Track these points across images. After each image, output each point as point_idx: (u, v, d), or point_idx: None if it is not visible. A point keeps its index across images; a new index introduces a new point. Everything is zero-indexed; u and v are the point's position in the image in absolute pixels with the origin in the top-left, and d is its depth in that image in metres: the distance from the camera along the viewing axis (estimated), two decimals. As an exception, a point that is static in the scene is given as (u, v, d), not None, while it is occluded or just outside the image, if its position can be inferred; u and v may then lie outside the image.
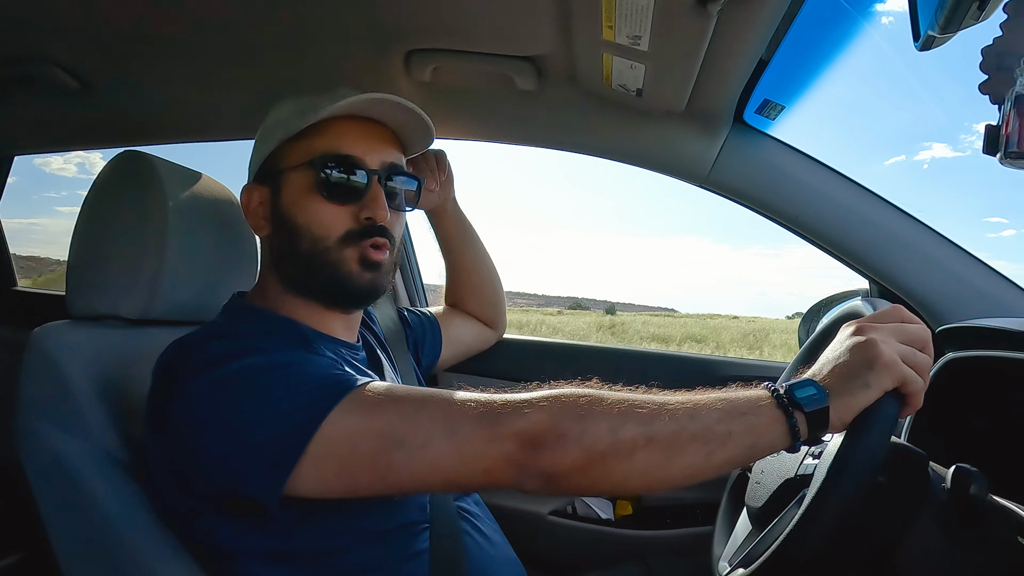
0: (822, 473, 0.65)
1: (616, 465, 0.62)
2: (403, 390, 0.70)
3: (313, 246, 0.83)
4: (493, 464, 0.64)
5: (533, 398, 0.65)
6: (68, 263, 0.93)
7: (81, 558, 0.79)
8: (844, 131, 29.62)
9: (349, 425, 0.66)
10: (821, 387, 0.63)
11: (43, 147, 1.73)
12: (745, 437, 0.63)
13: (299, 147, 0.84)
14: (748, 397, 0.65)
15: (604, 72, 1.00)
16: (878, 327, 0.66)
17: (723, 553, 0.91)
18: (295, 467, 0.65)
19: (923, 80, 27.53)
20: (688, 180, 1.21)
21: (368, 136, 0.86)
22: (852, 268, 1.16)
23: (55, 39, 1.16)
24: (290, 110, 0.87)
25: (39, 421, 0.80)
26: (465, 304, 1.34)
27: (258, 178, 0.88)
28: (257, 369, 0.69)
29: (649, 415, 0.63)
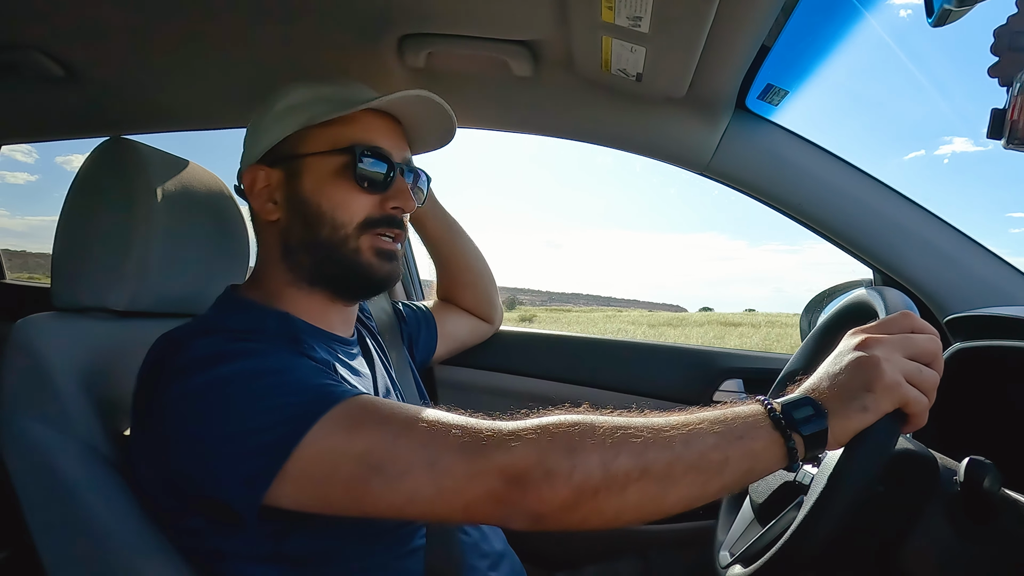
0: (818, 486, 0.64)
1: (608, 500, 0.59)
2: (388, 409, 0.66)
3: (334, 233, 0.82)
4: (474, 501, 0.61)
5: (520, 429, 0.62)
6: (53, 253, 0.91)
7: (65, 555, 0.76)
8: (861, 126, 28.73)
9: (327, 445, 0.63)
10: (819, 406, 0.61)
11: (29, 136, 1.70)
12: (742, 462, 0.60)
13: (325, 134, 0.83)
14: (744, 419, 0.62)
15: (603, 56, 0.97)
16: (883, 341, 0.62)
17: (725, 540, 0.90)
18: (271, 483, 0.63)
19: (941, 72, 26.61)
20: (688, 168, 1.19)
21: (392, 131, 0.88)
22: (856, 257, 1.15)
23: (39, 25, 1.13)
24: (307, 96, 0.86)
25: (20, 415, 0.77)
26: (458, 300, 1.32)
27: (267, 160, 0.85)
28: (242, 376, 0.67)
29: (642, 445, 0.60)
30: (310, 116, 0.84)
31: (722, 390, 1.32)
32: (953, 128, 31.66)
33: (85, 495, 0.75)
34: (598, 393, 1.38)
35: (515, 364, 1.44)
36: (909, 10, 17.90)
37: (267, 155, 0.86)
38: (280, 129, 0.85)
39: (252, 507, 0.64)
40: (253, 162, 0.86)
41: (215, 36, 1.12)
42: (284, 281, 0.85)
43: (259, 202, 0.86)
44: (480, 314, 1.34)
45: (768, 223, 38.48)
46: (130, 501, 0.75)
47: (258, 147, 0.86)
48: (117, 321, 0.90)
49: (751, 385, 1.32)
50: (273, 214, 0.85)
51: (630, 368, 1.39)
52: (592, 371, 1.40)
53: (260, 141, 0.86)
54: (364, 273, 0.84)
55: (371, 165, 0.83)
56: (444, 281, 1.31)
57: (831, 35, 1.01)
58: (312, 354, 0.77)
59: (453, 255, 1.28)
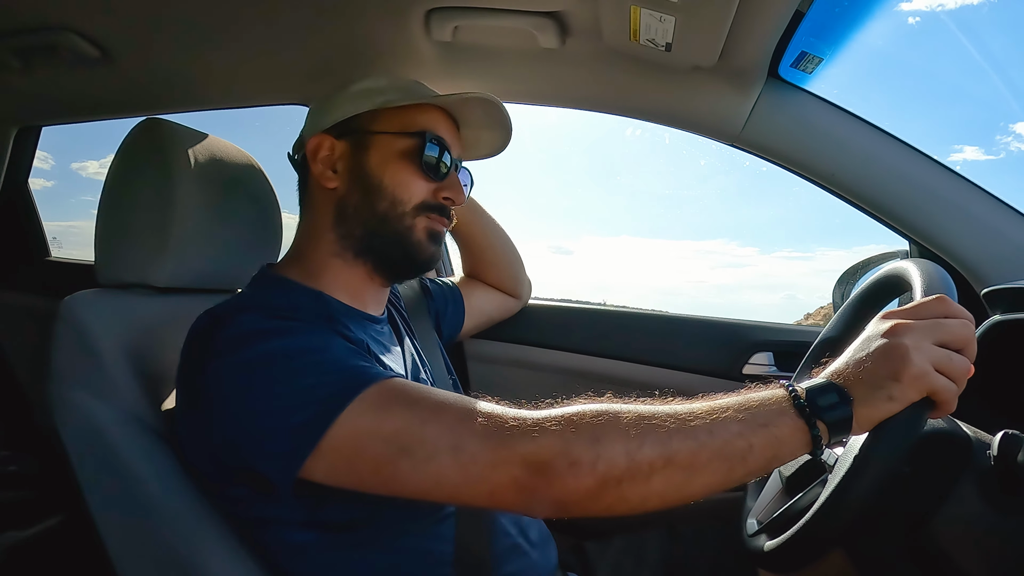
0: (842, 469, 0.63)
1: (632, 489, 0.60)
2: (417, 393, 0.67)
3: (392, 208, 0.86)
4: (498, 488, 0.62)
5: (545, 418, 0.62)
6: (95, 233, 0.94)
7: (117, 521, 0.80)
8: (897, 100, 26.85)
9: (359, 425, 0.65)
10: (844, 393, 0.60)
11: (67, 117, 1.74)
12: (766, 450, 0.61)
13: (397, 117, 0.88)
14: (768, 406, 0.62)
15: (631, 26, 0.96)
16: (913, 328, 0.61)
17: (753, 508, 0.90)
18: (306, 460, 0.65)
19: (955, 77, 24.13)
20: (719, 139, 1.17)
21: (453, 130, 0.93)
22: (891, 228, 1.12)
23: (75, 7, 1.15)
24: (384, 83, 0.91)
25: (71, 388, 0.81)
26: (483, 278, 1.33)
27: (334, 131, 0.89)
28: (281, 354, 0.69)
29: (667, 434, 0.60)
30: (386, 99, 0.88)
31: (752, 363, 1.31)
32: (964, 136, 28.55)
33: (133, 464, 0.78)
34: (627, 366, 1.38)
35: (545, 337, 1.44)
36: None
37: (334, 127, 0.89)
38: (353, 106, 0.89)
39: (287, 481, 0.66)
40: (320, 131, 0.89)
41: (243, 15, 1.13)
42: (329, 252, 0.88)
43: (320, 168, 0.88)
44: (506, 289, 1.34)
45: (780, 230, 36.13)
46: (176, 470, 0.79)
47: (327, 118, 0.90)
48: (158, 297, 0.93)
49: (781, 358, 1.30)
50: (332, 182, 0.88)
51: (660, 341, 1.39)
52: (622, 344, 1.40)
53: (329, 113, 0.90)
54: (412, 250, 0.88)
55: (435, 153, 0.88)
56: (468, 260, 1.32)
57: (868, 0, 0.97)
58: (347, 333, 0.78)
59: (474, 235, 1.29)
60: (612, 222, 11.54)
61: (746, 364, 1.31)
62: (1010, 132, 7.03)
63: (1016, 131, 4.50)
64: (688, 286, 13.01)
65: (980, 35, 1.27)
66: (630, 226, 4.21)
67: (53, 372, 0.83)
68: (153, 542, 0.78)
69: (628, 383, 1.38)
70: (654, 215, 9.54)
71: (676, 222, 13.56)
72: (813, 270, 13.03)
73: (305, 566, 0.76)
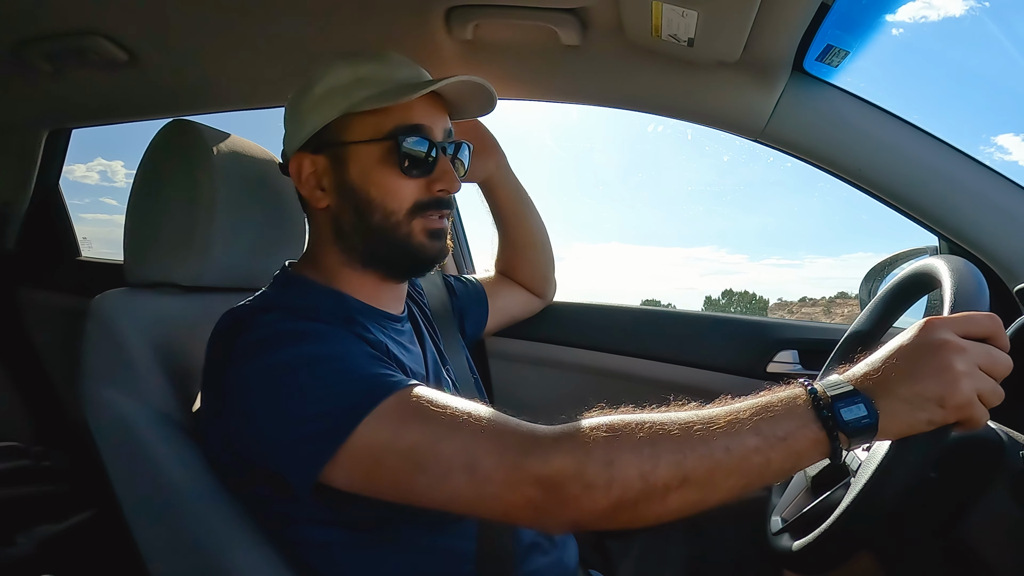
0: (864, 476, 0.62)
1: (648, 509, 0.59)
2: (435, 405, 0.67)
3: (385, 220, 0.83)
4: (512, 507, 0.62)
5: (559, 435, 0.62)
6: (124, 232, 0.96)
7: (147, 515, 0.82)
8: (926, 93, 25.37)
9: (376, 439, 0.65)
10: (872, 406, 0.58)
11: (96, 120, 1.77)
12: (784, 462, 0.59)
13: (367, 120, 0.83)
14: (788, 415, 0.60)
15: (653, 21, 0.95)
16: (967, 352, 0.58)
17: (778, 504, 0.90)
18: (323, 468, 0.66)
19: (987, 65, 22.59)
20: (742, 134, 1.16)
21: (432, 106, 0.87)
22: (920, 224, 1.10)
23: (104, 11, 1.17)
24: (346, 78, 0.84)
25: (102, 385, 0.83)
26: (516, 274, 1.32)
27: (311, 146, 0.86)
28: (301, 361, 0.69)
29: (682, 453, 0.59)
30: (350, 103, 0.83)
31: (776, 361, 1.29)
32: (997, 127, 26.30)
33: (161, 459, 0.80)
34: (650, 364, 1.37)
35: (567, 336, 1.44)
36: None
37: (310, 141, 0.85)
38: (320, 116, 0.84)
39: (306, 487, 0.67)
40: (297, 148, 0.86)
41: (266, 16, 1.15)
42: (338, 262, 0.87)
43: (308, 189, 0.86)
44: (534, 288, 1.34)
45: (769, 237, 35.28)
46: (203, 467, 0.80)
47: (301, 132, 0.86)
48: (184, 296, 0.94)
49: (806, 356, 1.28)
50: (323, 201, 0.86)
51: (683, 339, 1.37)
52: (644, 342, 1.39)
53: (302, 126, 0.86)
54: (416, 254, 0.86)
55: (414, 150, 0.83)
56: (506, 252, 1.30)
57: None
58: (366, 335, 0.79)
59: (519, 227, 1.27)
60: (601, 229, 11.33)
61: (770, 362, 1.29)
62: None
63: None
64: (677, 293, 12.94)
65: (1011, 22, 1.23)
66: (619, 233, 4.18)
67: (84, 369, 0.85)
68: (181, 537, 0.79)
69: (650, 381, 1.37)
70: (644, 222, 9.49)
71: (666, 229, 13.50)
72: (801, 277, 12.90)
73: (329, 563, 0.77)
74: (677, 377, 1.35)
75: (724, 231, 11.30)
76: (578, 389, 1.44)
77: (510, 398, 1.48)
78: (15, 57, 1.34)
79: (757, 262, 11.54)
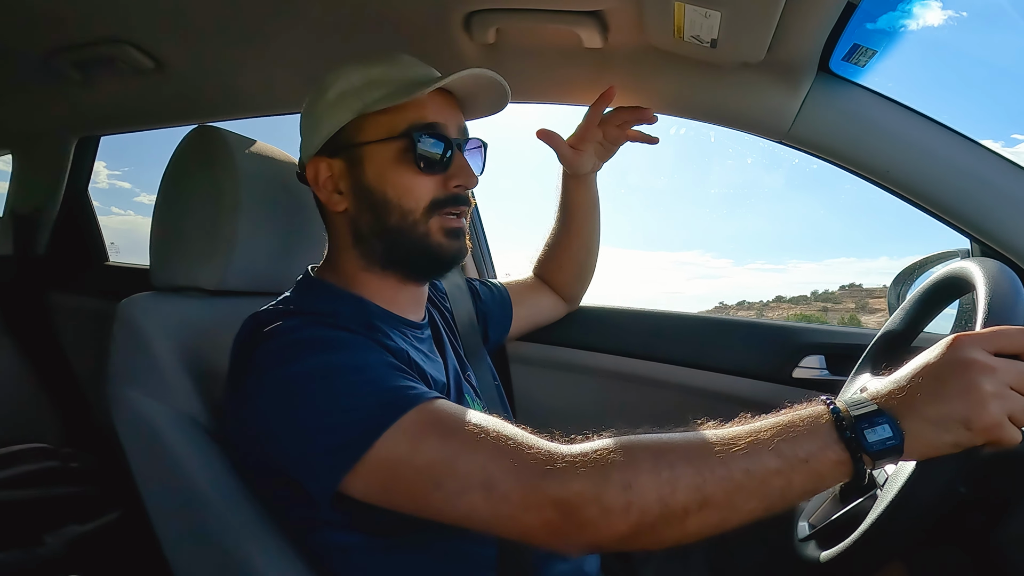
0: (890, 493, 0.61)
1: (667, 532, 0.59)
2: (454, 421, 0.67)
3: (402, 219, 0.83)
4: (529, 529, 0.62)
5: (577, 457, 0.61)
6: (150, 237, 0.97)
7: (171, 517, 0.83)
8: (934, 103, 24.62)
9: (394, 453, 0.65)
10: (897, 427, 0.56)
11: (123, 127, 1.81)
12: (805, 484, 0.58)
13: (381, 120, 0.83)
14: (810, 437, 0.58)
15: (675, 23, 0.94)
16: (996, 371, 0.56)
17: (805, 509, 0.88)
18: (343, 478, 0.66)
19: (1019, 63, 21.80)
20: (767, 136, 1.14)
21: (445, 104, 0.87)
22: (951, 226, 1.07)
23: (131, 21, 1.20)
24: (358, 81, 0.85)
25: (128, 387, 0.84)
26: (557, 275, 1.31)
27: (326, 151, 0.86)
28: (322, 371, 0.70)
29: (701, 477, 0.58)
30: (364, 104, 0.83)
31: (802, 366, 1.27)
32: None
33: (186, 462, 0.81)
34: (674, 369, 1.36)
35: (589, 340, 1.43)
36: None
37: (326, 145, 0.86)
38: (335, 119, 0.85)
39: (325, 496, 0.67)
40: (313, 154, 0.87)
41: (289, 25, 1.16)
42: (357, 266, 0.87)
43: (325, 194, 0.87)
44: (568, 294, 1.33)
45: (754, 242, 34.81)
46: (227, 469, 0.80)
47: (316, 138, 0.87)
48: (209, 299, 0.95)
49: (833, 361, 1.26)
50: (340, 204, 0.86)
51: (706, 343, 1.36)
52: (668, 347, 1.38)
53: (317, 132, 0.86)
54: (434, 253, 0.85)
55: (429, 147, 0.83)
56: (557, 253, 1.28)
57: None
58: (387, 342, 0.79)
59: (584, 228, 1.25)
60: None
61: (796, 367, 1.27)
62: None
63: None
64: (664, 297, 12.78)
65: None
66: (605, 236, 4.19)
67: (110, 371, 0.86)
68: (204, 538, 0.80)
69: (674, 386, 1.36)
70: (630, 226, 9.33)
71: (652, 233, 13.30)
72: (785, 282, 12.72)
73: (350, 566, 0.77)
74: (701, 382, 1.33)
75: (708, 236, 11.31)
76: (602, 394, 1.43)
77: (531, 403, 1.47)
78: (46, 66, 1.37)
79: (742, 266, 11.49)
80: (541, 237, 1.32)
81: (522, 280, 1.33)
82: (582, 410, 1.42)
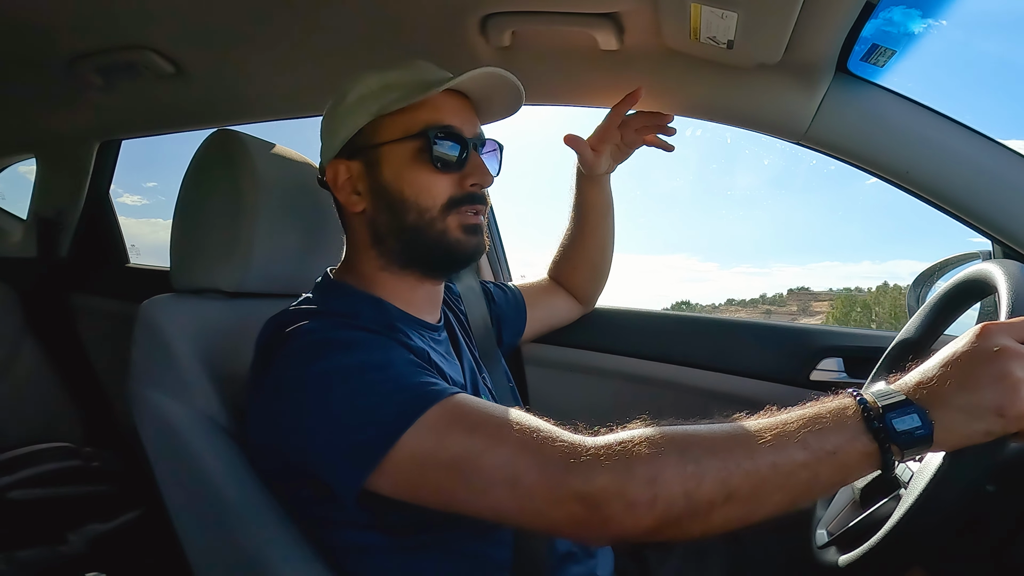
0: (919, 486, 0.60)
1: (692, 525, 0.58)
2: (478, 415, 0.67)
3: (420, 217, 0.85)
4: (554, 522, 0.62)
5: (602, 449, 0.61)
6: (171, 240, 0.99)
7: (190, 515, 0.84)
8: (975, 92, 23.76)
9: (419, 448, 0.65)
10: (926, 416, 0.55)
11: (144, 131, 1.84)
12: (833, 476, 0.58)
13: (397, 121, 0.85)
14: (836, 427, 0.58)
15: (692, 24, 0.94)
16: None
17: (823, 517, 0.87)
18: (367, 476, 0.66)
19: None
20: (784, 137, 1.13)
21: (461, 107, 0.88)
22: (972, 227, 1.05)
23: (153, 26, 1.22)
24: (376, 85, 0.87)
25: (148, 387, 0.85)
26: (571, 277, 1.31)
27: (345, 153, 0.88)
28: (345, 370, 0.70)
29: (726, 470, 0.57)
30: (381, 106, 0.85)
31: (820, 369, 1.26)
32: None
33: (205, 462, 0.82)
34: (691, 372, 1.35)
35: (605, 342, 1.42)
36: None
37: (344, 148, 0.88)
38: (353, 122, 0.87)
39: (351, 494, 0.68)
40: (332, 157, 0.89)
41: (307, 29, 1.17)
42: (376, 266, 0.88)
43: (344, 195, 0.88)
44: (584, 296, 1.33)
45: (739, 246, 34.17)
46: (247, 469, 0.81)
47: (335, 141, 0.89)
48: (228, 301, 0.97)
49: (852, 364, 1.25)
50: (358, 205, 0.88)
51: (724, 346, 1.35)
52: (685, 348, 1.37)
53: (336, 135, 0.88)
54: (452, 250, 0.86)
55: (445, 146, 0.84)
56: (571, 255, 1.29)
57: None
58: (408, 342, 0.79)
59: (598, 230, 1.25)
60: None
61: (814, 370, 1.26)
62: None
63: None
64: (651, 300, 12.79)
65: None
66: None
67: (131, 372, 0.87)
68: (223, 537, 0.81)
69: (691, 389, 1.35)
70: (616, 229, 9.17)
71: (637, 237, 13.21)
72: (770, 285, 12.60)
73: (367, 567, 0.78)
74: (718, 385, 1.32)
75: (694, 240, 11.25)
76: (617, 396, 1.42)
77: (547, 405, 1.46)
78: (70, 72, 1.40)
79: (728, 270, 11.50)
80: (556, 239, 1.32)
81: (536, 282, 1.33)
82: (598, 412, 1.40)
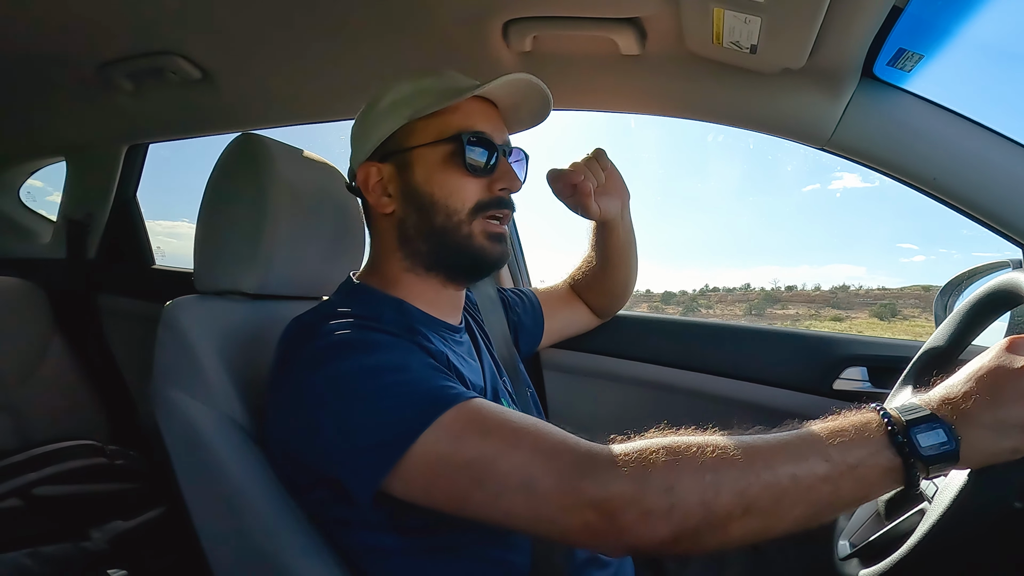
0: (944, 501, 0.58)
1: (709, 537, 0.57)
2: (494, 420, 0.67)
3: (448, 219, 0.86)
4: (569, 530, 0.61)
5: (619, 458, 0.60)
6: (195, 242, 1.00)
7: (210, 514, 0.85)
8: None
9: (435, 451, 0.65)
10: (952, 432, 0.54)
11: (171, 135, 1.87)
12: (855, 492, 0.57)
13: (430, 125, 0.86)
14: (859, 441, 0.57)
15: (714, 29, 0.93)
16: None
17: (846, 528, 0.85)
18: (383, 478, 0.66)
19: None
20: (808, 143, 1.12)
21: (491, 115, 0.90)
22: (1001, 235, 1.03)
23: (181, 32, 1.24)
24: (409, 91, 0.89)
25: (171, 388, 0.86)
26: (592, 299, 1.31)
27: (377, 156, 0.89)
28: (364, 372, 0.71)
29: (745, 481, 0.56)
30: (414, 110, 0.86)
31: (844, 378, 1.24)
32: (843, 165, 25.98)
33: (225, 461, 0.82)
34: (711, 379, 1.34)
35: (624, 348, 1.41)
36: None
37: (376, 151, 0.89)
38: (387, 125, 0.88)
39: (366, 495, 0.68)
40: (364, 159, 0.90)
41: (330, 35, 1.19)
42: (401, 268, 0.89)
43: (374, 197, 0.89)
44: (602, 311, 1.33)
45: (721, 248, 33.23)
46: (265, 470, 0.82)
47: (368, 144, 0.89)
48: (250, 303, 0.98)
49: (876, 373, 1.22)
50: (388, 207, 0.89)
51: (745, 353, 1.33)
52: (705, 356, 1.36)
53: (369, 138, 0.89)
54: (477, 256, 0.87)
55: (476, 151, 0.85)
56: (593, 282, 1.28)
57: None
58: (427, 345, 0.80)
59: (620, 267, 1.24)
60: (556, 239, 10.66)
61: (837, 379, 1.24)
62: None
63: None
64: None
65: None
66: (573, 244, 3.84)
67: (155, 372, 0.89)
68: (242, 536, 0.81)
69: (711, 397, 1.34)
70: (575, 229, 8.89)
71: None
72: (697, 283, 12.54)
73: (385, 569, 0.78)
74: (739, 393, 1.31)
75: (669, 242, 11.10)
76: (635, 403, 1.41)
77: (565, 412, 1.46)
78: (100, 77, 1.43)
79: (710, 271, 11.56)
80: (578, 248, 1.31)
81: (556, 289, 1.32)
82: (615, 419, 1.41)
